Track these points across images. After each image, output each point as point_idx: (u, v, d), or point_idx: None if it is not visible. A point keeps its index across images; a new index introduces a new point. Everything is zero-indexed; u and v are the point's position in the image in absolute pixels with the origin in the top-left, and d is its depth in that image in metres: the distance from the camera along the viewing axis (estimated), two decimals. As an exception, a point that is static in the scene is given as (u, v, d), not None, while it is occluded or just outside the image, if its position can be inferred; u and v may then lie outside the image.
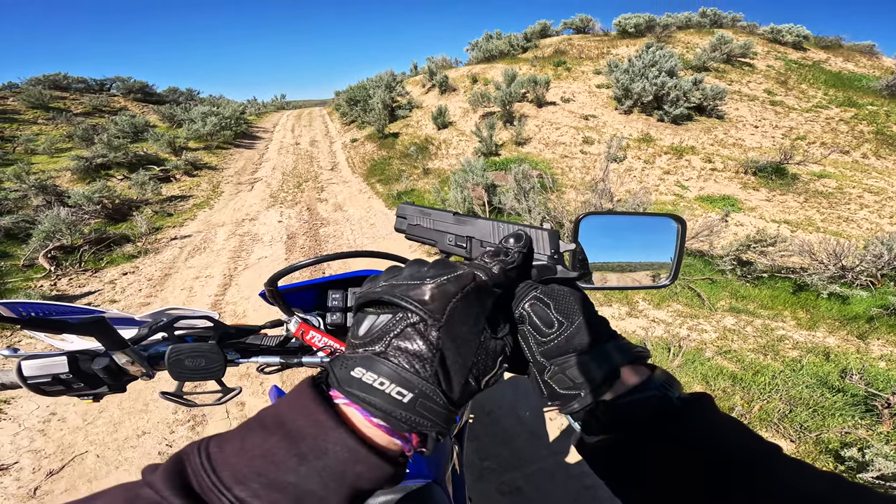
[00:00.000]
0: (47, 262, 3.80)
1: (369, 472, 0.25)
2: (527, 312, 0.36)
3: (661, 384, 0.33)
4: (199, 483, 0.24)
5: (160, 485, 0.23)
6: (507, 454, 1.89)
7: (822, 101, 8.63)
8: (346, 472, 0.25)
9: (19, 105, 10.18)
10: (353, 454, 0.25)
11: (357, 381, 0.27)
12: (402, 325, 0.29)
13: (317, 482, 0.24)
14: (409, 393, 0.27)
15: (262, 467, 0.24)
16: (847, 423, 2.02)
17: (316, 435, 0.25)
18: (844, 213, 5.06)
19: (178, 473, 0.24)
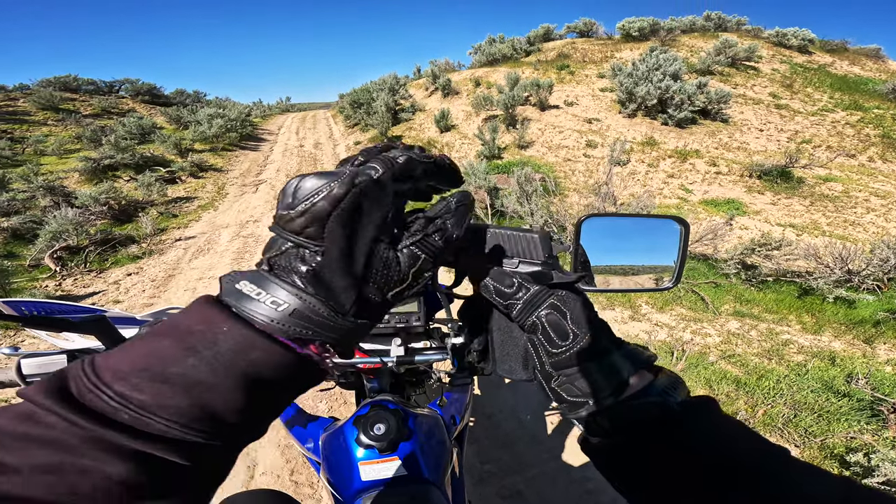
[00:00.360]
0: (53, 263, 3.84)
1: (268, 357, 0.25)
2: (541, 322, 0.35)
3: (662, 389, 0.33)
4: (78, 387, 0.23)
5: (34, 394, 0.22)
6: (508, 458, 1.88)
7: (827, 104, 8.58)
8: (236, 359, 0.24)
9: (30, 106, 10.33)
10: (246, 341, 0.25)
11: (238, 293, 0.27)
12: (280, 247, 0.28)
13: (206, 371, 0.23)
14: (286, 304, 0.26)
15: (146, 364, 0.23)
16: (852, 427, 1.99)
17: (205, 330, 0.25)
18: (851, 217, 5.01)
19: (56, 382, 0.23)
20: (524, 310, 0.36)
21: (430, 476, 0.77)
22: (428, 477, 0.76)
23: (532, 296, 0.36)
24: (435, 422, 0.92)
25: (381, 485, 0.72)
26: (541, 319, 0.35)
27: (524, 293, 0.36)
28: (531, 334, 0.36)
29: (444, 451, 0.88)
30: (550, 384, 0.35)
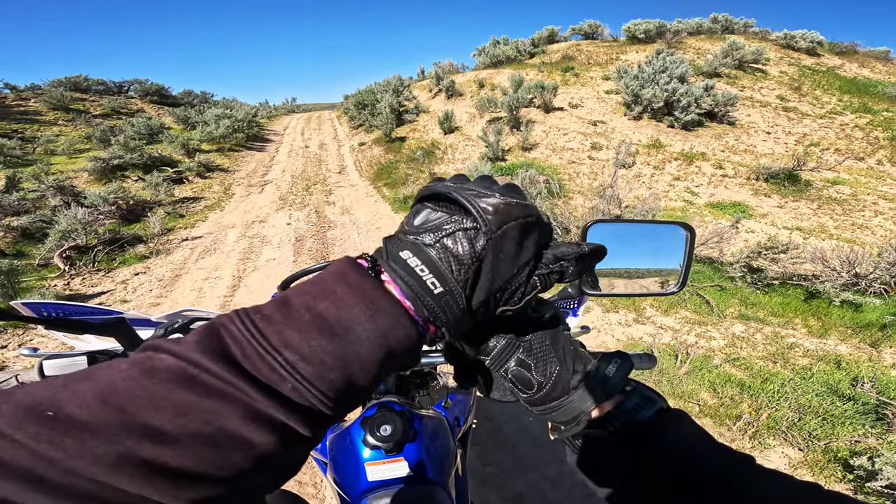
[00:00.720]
0: (62, 262, 3.90)
1: (406, 338, 0.26)
2: (510, 375, 0.39)
3: (628, 410, 0.36)
4: (243, 349, 0.22)
5: (192, 353, 0.21)
6: (510, 460, 1.88)
7: (836, 107, 8.49)
8: (388, 338, 0.25)
9: (41, 106, 10.48)
10: (398, 321, 0.26)
11: (402, 262, 0.28)
12: (455, 227, 0.30)
13: (365, 348, 0.24)
14: (441, 287, 0.28)
15: (314, 333, 0.23)
16: (857, 431, 1.98)
17: (366, 303, 0.25)
18: (858, 220, 4.96)
19: (213, 341, 0.22)
20: (493, 363, 0.39)
21: (435, 477, 0.78)
22: (433, 478, 0.77)
23: (500, 350, 0.39)
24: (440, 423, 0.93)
25: (387, 485, 0.73)
26: (508, 373, 0.39)
27: (493, 346, 0.39)
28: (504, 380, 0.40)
29: (449, 452, 0.89)
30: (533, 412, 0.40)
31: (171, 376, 0.20)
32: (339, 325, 0.24)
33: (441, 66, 13.37)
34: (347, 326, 0.24)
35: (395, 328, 0.26)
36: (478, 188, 0.31)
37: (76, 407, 0.18)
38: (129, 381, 0.20)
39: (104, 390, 0.19)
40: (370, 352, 0.25)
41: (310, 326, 0.24)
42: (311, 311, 0.24)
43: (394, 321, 0.26)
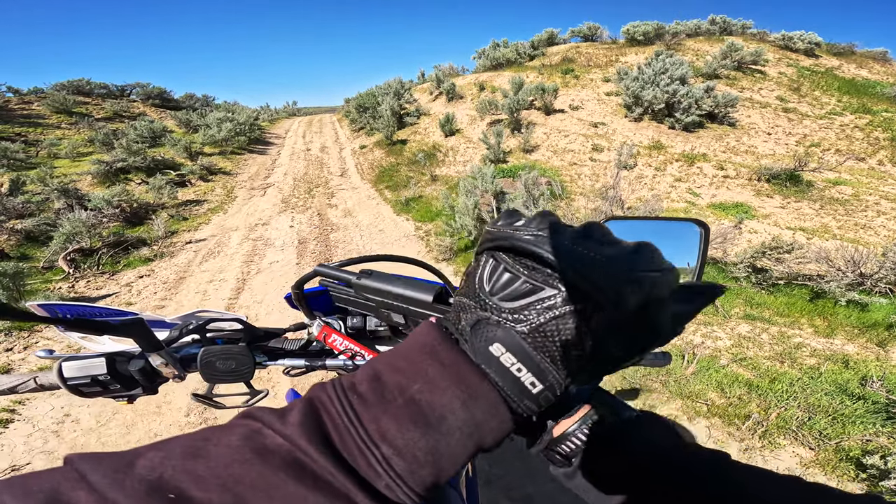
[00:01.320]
0: (66, 265, 3.90)
1: (500, 429, 0.24)
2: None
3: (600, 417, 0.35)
4: (343, 439, 0.22)
5: (296, 435, 0.21)
6: (518, 463, 1.87)
7: (835, 107, 8.50)
8: (481, 426, 0.23)
9: (44, 109, 10.54)
10: (492, 408, 0.23)
11: (496, 361, 0.24)
12: (563, 309, 0.23)
13: (457, 443, 0.22)
14: (541, 385, 0.24)
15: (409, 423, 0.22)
16: (868, 430, 1.97)
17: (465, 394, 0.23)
18: (861, 220, 4.95)
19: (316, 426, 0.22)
20: None
21: (447, 478, 0.77)
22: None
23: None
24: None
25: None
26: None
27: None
28: None
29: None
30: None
31: (283, 463, 0.20)
32: (432, 413, 0.22)
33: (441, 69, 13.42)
34: (441, 415, 0.22)
35: (490, 418, 0.23)
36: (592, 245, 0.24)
37: (198, 491, 0.19)
38: (244, 464, 0.20)
39: (222, 474, 0.19)
40: (461, 444, 0.23)
41: (404, 414, 0.22)
42: (404, 393, 0.23)
43: (489, 410, 0.23)
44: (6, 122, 9.22)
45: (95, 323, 0.48)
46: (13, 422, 2.15)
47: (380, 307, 0.55)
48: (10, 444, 2.00)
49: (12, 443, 2.01)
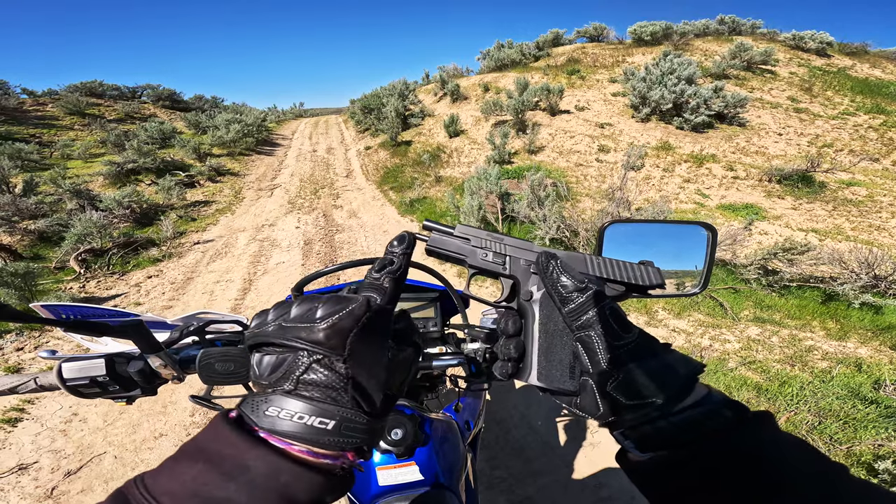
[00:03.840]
0: (77, 265, 3.97)
1: (296, 481, 0.27)
2: (604, 315, 0.34)
3: (724, 398, 0.32)
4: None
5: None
6: (519, 464, 1.86)
7: (848, 108, 8.34)
8: (270, 482, 0.27)
9: (58, 111, 10.75)
10: (274, 467, 0.27)
11: (277, 420, 0.29)
12: (307, 362, 0.30)
13: (245, 495, 0.26)
14: (331, 421, 0.29)
15: (194, 488, 0.26)
16: (880, 435, 1.93)
17: (235, 455, 0.27)
18: (875, 222, 4.84)
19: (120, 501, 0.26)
20: (585, 304, 0.36)
21: (446, 481, 0.77)
22: (444, 482, 0.76)
23: (594, 293, 0.36)
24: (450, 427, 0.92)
25: (398, 490, 0.73)
26: (604, 310, 0.35)
27: (587, 289, 0.36)
28: (587, 330, 0.35)
29: (460, 456, 0.88)
30: (606, 387, 0.33)
31: None
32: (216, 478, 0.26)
33: (446, 70, 13.45)
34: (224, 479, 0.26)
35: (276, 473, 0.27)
36: (298, 323, 0.31)
37: None
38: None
39: None
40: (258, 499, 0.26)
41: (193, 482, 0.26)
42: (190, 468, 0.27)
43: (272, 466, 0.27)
44: (21, 124, 9.43)
45: (94, 324, 0.48)
46: (22, 420, 2.18)
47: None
48: (18, 443, 2.04)
49: (20, 441, 2.05)
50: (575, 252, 0.44)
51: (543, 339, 0.40)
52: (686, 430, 0.30)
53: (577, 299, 0.36)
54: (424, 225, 0.50)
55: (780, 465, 0.27)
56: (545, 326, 0.40)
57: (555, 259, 0.40)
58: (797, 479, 0.27)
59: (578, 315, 0.36)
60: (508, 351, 0.40)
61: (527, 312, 0.42)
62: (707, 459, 0.29)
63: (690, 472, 0.30)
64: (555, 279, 0.38)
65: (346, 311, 0.31)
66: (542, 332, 0.40)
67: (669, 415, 0.31)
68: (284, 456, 0.28)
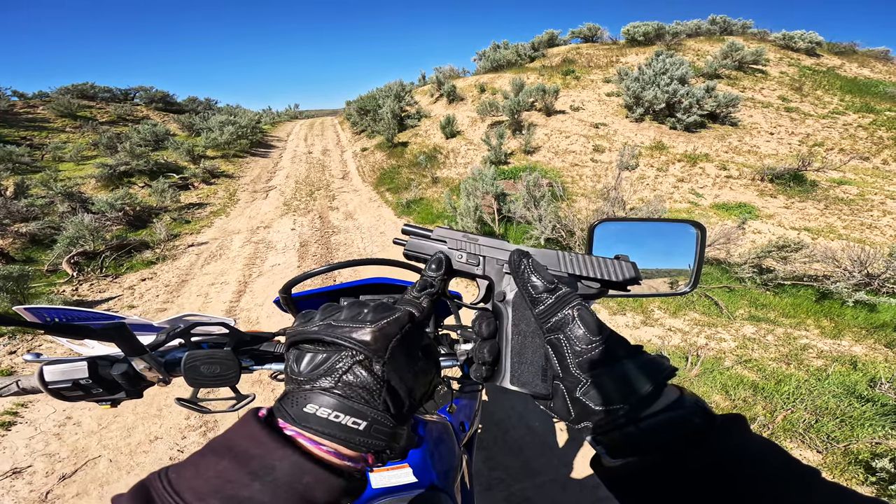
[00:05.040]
0: (70, 268, 3.93)
1: (318, 483, 0.28)
2: (571, 316, 0.34)
3: (696, 402, 0.31)
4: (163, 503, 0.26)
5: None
6: (517, 465, 1.85)
7: (838, 107, 8.44)
8: (294, 483, 0.27)
9: (49, 113, 10.64)
10: (299, 468, 0.28)
11: (313, 417, 0.30)
12: (349, 363, 0.32)
13: (269, 495, 0.26)
14: (363, 421, 0.31)
15: (218, 486, 0.26)
16: (877, 433, 1.94)
17: (263, 454, 0.28)
18: (867, 220, 4.89)
19: (143, 499, 0.26)
20: (554, 305, 0.35)
21: (440, 483, 0.76)
22: (438, 484, 0.76)
23: (564, 293, 0.36)
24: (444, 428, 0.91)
25: (392, 492, 0.72)
26: (572, 313, 0.34)
27: (557, 290, 0.36)
28: (556, 333, 0.34)
29: (454, 457, 0.87)
30: (575, 393, 0.32)
31: None
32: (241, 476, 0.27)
33: (442, 71, 13.47)
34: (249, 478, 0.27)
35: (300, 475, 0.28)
36: (349, 323, 0.33)
37: None
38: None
39: None
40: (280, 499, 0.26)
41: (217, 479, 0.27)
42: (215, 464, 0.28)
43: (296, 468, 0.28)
44: (12, 126, 9.32)
45: (76, 327, 0.47)
46: (15, 424, 2.15)
47: None
48: (11, 447, 2.01)
49: (14, 445, 2.02)
50: (547, 249, 0.43)
51: (516, 340, 0.39)
52: (654, 435, 0.30)
53: (546, 300, 0.36)
54: (403, 229, 0.49)
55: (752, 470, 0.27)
56: (518, 328, 0.39)
57: (527, 258, 0.39)
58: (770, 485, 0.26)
59: (548, 317, 0.35)
60: (482, 354, 0.39)
61: (501, 313, 0.41)
62: (677, 466, 0.28)
63: (661, 479, 0.29)
64: (525, 279, 0.38)
65: (392, 318, 0.34)
66: (515, 333, 0.39)
67: (637, 420, 0.30)
68: (309, 457, 0.28)
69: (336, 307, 0.37)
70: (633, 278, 0.42)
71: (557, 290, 0.36)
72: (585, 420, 0.32)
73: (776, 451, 0.28)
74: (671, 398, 0.31)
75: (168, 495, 0.26)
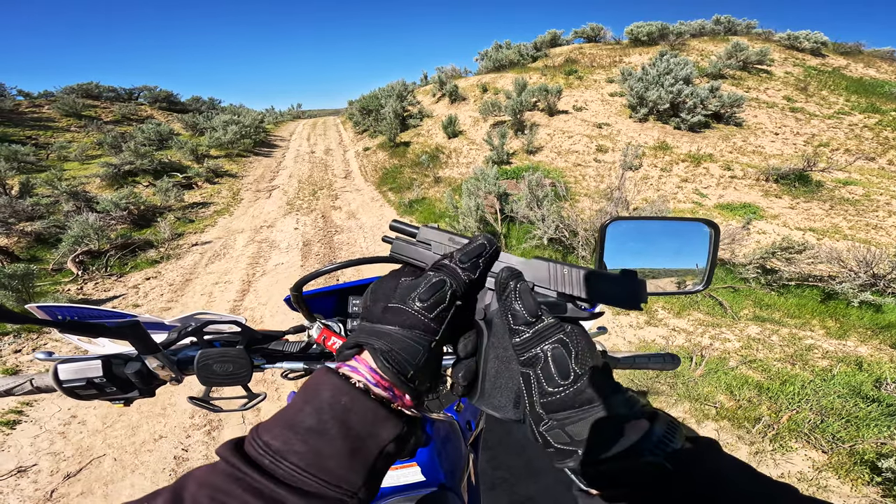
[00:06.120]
0: (75, 267, 3.95)
1: (353, 404, 0.30)
2: (544, 356, 0.33)
3: (659, 439, 0.30)
4: (247, 444, 0.30)
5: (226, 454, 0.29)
6: (521, 465, 1.85)
7: (844, 107, 8.39)
8: (333, 404, 0.30)
9: (54, 113, 10.69)
10: (337, 388, 0.31)
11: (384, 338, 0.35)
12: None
13: (314, 417, 0.29)
14: (411, 370, 0.33)
15: (282, 417, 0.30)
16: (883, 433, 1.93)
17: (316, 382, 0.31)
18: (873, 221, 4.86)
19: (238, 442, 0.30)
20: (531, 340, 0.34)
21: (448, 482, 0.76)
22: (446, 483, 0.76)
23: (543, 328, 0.34)
24: (451, 427, 0.91)
25: (400, 491, 0.72)
26: (545, 353, 0.33)
27: (537, 323, 0.34)
28: (528, 368, 0.34)
29: (461, 456, 0.87)
30: (539, 427, 0.33)
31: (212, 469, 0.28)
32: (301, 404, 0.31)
33: (444, 71, 13.47)
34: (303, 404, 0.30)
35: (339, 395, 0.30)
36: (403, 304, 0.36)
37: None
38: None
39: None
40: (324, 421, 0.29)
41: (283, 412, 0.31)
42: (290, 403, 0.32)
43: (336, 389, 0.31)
44: (17, 126, 9.38)
45: (90, 325, 0.47)
46: (20, 423, 2.16)
47: None
48: (17, 445, 2.02)
49: (19, 444, 2.03)
50: (539, 259, 0.39)
51: (493, 363, 0.37)
52: (613, 479, 0.30)
53: (523, 333, 0.34)
54: (391, 225, 0.46)
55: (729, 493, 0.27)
56: (496, 351, 0.37)
57: (515, 279, 0.37)
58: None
59: (523, 351, 0.34)
60: (457, 378, 0.39)
61: (482, 331, 0.38)
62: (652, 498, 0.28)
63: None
64: (508, 305, 0.36)
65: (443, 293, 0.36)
66: (493, 357, 0.37)
67: (595, 463, 0.30)
68: (347, 381, 0.31)
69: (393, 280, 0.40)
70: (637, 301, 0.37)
71: (538, 322, 0.34)
72: (549, 449, 0.33)
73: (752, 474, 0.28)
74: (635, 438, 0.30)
75: (252, 434, 0.30)
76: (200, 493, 0.26)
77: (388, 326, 0.34)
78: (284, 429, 0.29)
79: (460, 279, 0.36)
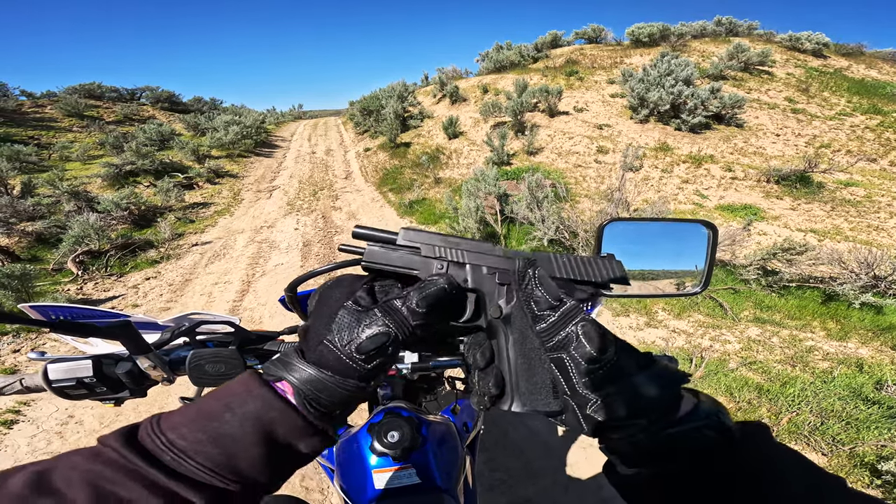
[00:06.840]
0: (75, 267, 3.95)
1: (282, 419, 0.30)
2: (575, 335, 0.32)
3: (712, 412, 0.29)
4: (142, 434, 0.29)
5: (116, 444, 0.28)
6: (519, 466, 1.84)
7: (845, 108, 8.37)
8: (261, 416, 0.30)
9: (56, 113, 10.72)
10: (268, 403, 0.31)
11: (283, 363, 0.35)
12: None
13: (236, 426, 0.29)
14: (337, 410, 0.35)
15: (193, 417, 0.30)
16: (883, 436, 1.92)
17: (243, 392, 0.31)
18: (874, 222, 4.84)
19: (129, 429, 0.29)
20: (557, 323, 0.33)
21: (443, 484, 0.76)
22: (441, 485, 0.75)
23: (568, 309, 0.33)
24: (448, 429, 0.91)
25: (395, 493, 0.71)
26: (576, 332, 0.32)
27: (561, 305, 0.33)
28: (559, 352, 0.32)
29: (457, 458, 0.86)
30: (586, 410, 0.31)
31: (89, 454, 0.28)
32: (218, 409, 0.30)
33: (445, 72, 13.47)
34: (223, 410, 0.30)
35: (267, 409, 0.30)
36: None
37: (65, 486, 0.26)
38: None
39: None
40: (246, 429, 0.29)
41: (195, 413, 0.30)
42: (202, 404, 0.31)
43: (266, 403, 0.30)
44: (19, 126, 9.41)
45: (81, 325, 0.47)
46: (17, 423, 2.16)
47: None
48: (13, 445, 2.02)
49: (16, 443, 2.03)
50: (539, 252, 0.40)
51: (522, 361, 0.35)
52: (669, 447, 0.28)
53: (549, 318, 0.33)
54: (354, 233, 0.40)
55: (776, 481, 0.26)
56: (521, 347, 0.35)
57: (533, 267, 0.36)
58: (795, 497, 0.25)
59: (550, 335, 0.33)
60: (486, 388, 0.35)
61: (498, 332, 0.36)
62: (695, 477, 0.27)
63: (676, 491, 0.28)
64: (529, 293, 0.35)
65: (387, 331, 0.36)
66: (520, 353, 0.35)
67: (653, 434, 0.29)
68: (280, 398, 0.31)
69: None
70: (621, 277, 0.39)
71: (562, 305, 0.33)
72: (599, 434, 0.32)
73: (801, 461, 0.27)
74: (687, 408, 0.30)
75: (150, 426, 0.29)
76: (74, 475, 0.26)
77: (318, 371, 0.32)
78: (196, 431, 0.29)
79: (407, 329, 0.34)
